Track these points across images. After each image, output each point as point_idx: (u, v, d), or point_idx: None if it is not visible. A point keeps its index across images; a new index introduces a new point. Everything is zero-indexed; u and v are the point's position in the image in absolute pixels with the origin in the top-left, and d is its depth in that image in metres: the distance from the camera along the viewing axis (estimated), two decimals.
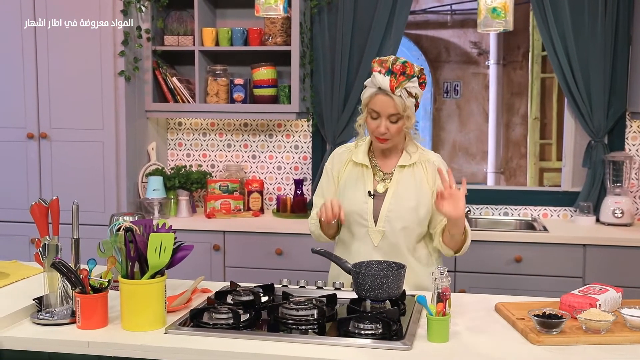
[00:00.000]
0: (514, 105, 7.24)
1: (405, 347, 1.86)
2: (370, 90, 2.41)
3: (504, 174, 7.26)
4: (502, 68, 7.14)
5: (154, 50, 4.14)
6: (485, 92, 7.26)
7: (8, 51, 4.00)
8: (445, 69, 7.21)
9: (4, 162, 4.09)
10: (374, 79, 2.38)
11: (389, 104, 2.36)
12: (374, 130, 2.43)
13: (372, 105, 2.40)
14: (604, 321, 1.91)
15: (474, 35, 7.10)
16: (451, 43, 7.18)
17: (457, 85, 7.22)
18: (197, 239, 3.90)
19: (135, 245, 1.97)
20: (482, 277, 3.69)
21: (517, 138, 7.22)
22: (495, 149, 7.12)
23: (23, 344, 1.99)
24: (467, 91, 7.23)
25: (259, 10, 2.25)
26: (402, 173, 2.50)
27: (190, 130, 4.49)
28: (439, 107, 7.32)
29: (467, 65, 7.21)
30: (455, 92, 7.21)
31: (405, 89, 2.36)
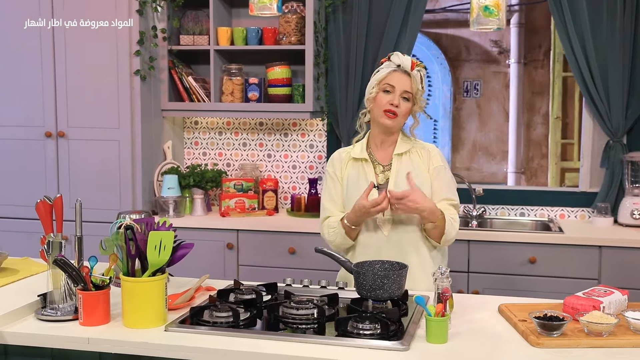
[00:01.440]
0: (535, 104, 7.16)
1: (402, 347, 1.85)
2: (387, 69, 2.51)
3: (524, 174, 7.19)
4: (523, 67, 7.07)
5: (170, 49, 4.17)
6: (505, 91, 7.19)
7: (27, 51, 4.06)
8: (465, 67, 7.16)
9: (23, 161, 4.15)
10: (395, 58, 2.51)
11: (405, 81, 2.48)
12: (385, 104, 2.49)
13: (388, 80, 2.49)
14: (606, 324, 1.88)
15: (495, 34, 7.04)
16: (471, 42, 7.12)
17: (477, 85, 7.16)
18: (211, 237, 3.93)
19: (136, 243, 1.99)
20: (495, 278, 3.65)
21: (538, 138, 7.15)
22: (516, 148, 7.06)
23: (26, 340, 2.02)
24: (487, 90, 7.17)
25: (253, 9, 2.26)
26: (400, 161, 2.55)
27: (206, 129, 4.51)
28: (458, 107, 7.27)
29: (487, 64, 7.15)
30: (475, 91, 7.15)
31: (419, 72, 2.50)
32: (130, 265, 2.02)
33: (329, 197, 2.62)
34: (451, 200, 2.54)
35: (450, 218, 2.47)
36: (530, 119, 7.18)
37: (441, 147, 7.31)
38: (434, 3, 6.90)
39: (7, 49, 4.09)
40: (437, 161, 2.56)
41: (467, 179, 4.27)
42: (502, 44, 7.13)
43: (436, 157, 2.57)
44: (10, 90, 4.12)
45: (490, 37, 7.06)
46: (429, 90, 7.36)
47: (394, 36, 4.07)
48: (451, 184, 2.57)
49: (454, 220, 2.49)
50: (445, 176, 2.56)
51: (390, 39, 4.07)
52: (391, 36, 4.07)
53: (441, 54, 7.11)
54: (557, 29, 3.99)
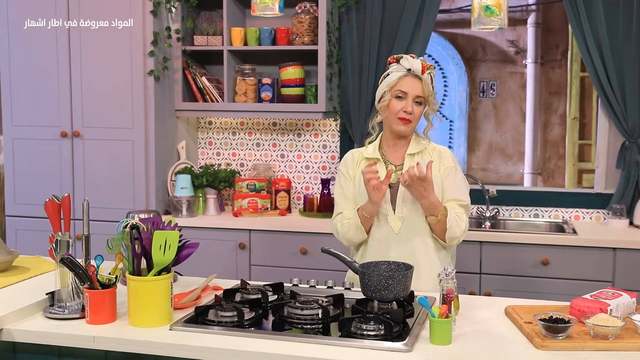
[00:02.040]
0: (552, 104, 7.10)
1: (405, 348, 1.85)
2: (398, 73, 2.51)
3: (541, 175, 7.13)
4: (540, 67, 7.01)
5: (184, 50, 4.19)
6: (522, 92, 7.14)
7: (43, 51, 4.10)
8: (481, 67, 7.12)
9: (39, 160, 4.19)
10: (404, 62, 2.51)
11: (417, 85, 2.48)
12: (398, 110, 2.49)
13: (400, 87, 2.49)
14: (612, 327, 1.86)
15: (512, 34, 6.99)
16: (488, 41, 7.08)
17: (494, 85, 7.11)
18: (223, 237, 3.95)
19: (141, 242, 2.00)
20: (508, 279, 3.63)
21: (556, 138, 7.08)
22: (532, 149, 7.00)
23: (33, 337, 2.04)
24: (503, 90, 7.12)
25: (255, 10, 2.26)
26: (412, 161, 2.55)
27: (220, 130, 4.53)
28: (474, 107, 7.22)
29: (503, 64, 7.10)
30: (491, 92, 7.11)
31: (430, 75, 2.51)
32: (135, 264, 2.03)
33: (342, 194, 2.62)
34: (460, 201, 2.52)
35: (454, 215, 2.46)
36: (547, 120, 7.12)
37: (457, 147, 7.26)
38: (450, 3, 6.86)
39: (25, 49, 4.14)
40: (448, 162, 2.55)
41: (482, 179, 4.26)
42: (518, 43, 7.08)
43: (447, 158, 2.57)
44: (27, 91, 4.17)
45: (506, 37, 7.01)
46: (444, 91, 7.33)
47: (408, 36, 4.06)
48: (461, 185, 2.56)
49: (459, 219, 2.47)
50: (456, 177, 2.55)
51: (403, 39, 4.06)
52: (405, 36, 4.06)
53: (457, 54, 7.07)
54: (572, 29, 3.94)
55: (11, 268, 2.60)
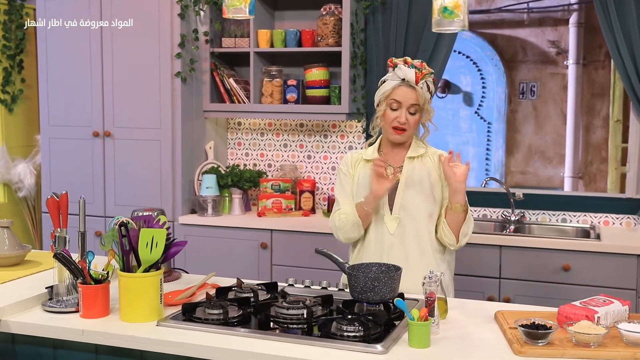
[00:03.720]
0: (595, 106, 6.90)
1: (379, 350, 1.85)
2: (393, 82, 2.50)
3: (582, 179, 6.95)
4: (582, 68, 6.83)
5: (212, 52, 4.26)
6: (563, 93, 6.97)
7: (77, 53, 4.24)
8: (521, 69, 6.98)
9: (73, 159, 4.33)
10: (399, 71, 2.48)
11: (411, 95, 2.46)
12: (393, 120, 2.49)
13: (394, 96, 2.49)
14: (593, 334, 1.82)
15: (553, 34, 6.83)
16: (528, 42, 6.93)
17: (534, 86, 6.97)
18: (246, 236, 4.00)
19: (129, 239, 2.05)
20: (528, 285, 3.56)
21: (598, 141, 6.89)
22: (573, 152, 6.82)
23: (27, 329, 2.12)
24: (544, 92, 6.97)
25: (226, 12, 2.29)
26: (412, 164, 2.55)
27: (248, 130, 4.59)
28: (514, 109, 7.09)
29: (544, 65, 6.95)
30: (531, 93, 6.96)
31: (426, 82, 2.48)
32: (125, 261, 2.09)
33: (342, 192, 2.64)
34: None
35: (470, 215, 2.46)
36: (589, 122, 6.93)
37: (495, 150, 7.15)
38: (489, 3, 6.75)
39: (61, 50, 4.29)
40: None
41: (521, 183, 4.20)
42: (560, 44, 6.92)
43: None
44: (62, 92, 4.31)
45: (547, 37, 6.86)
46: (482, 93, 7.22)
47: (433, 37, 4.03)
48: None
49: (468, 219, 2.48)
50: None
51: (429, 40, 4.03)
52: (430, 37, 4.02)
53: (496, 54, 6.96)
54: (602, 30, 3.83)
55: (23, 262, 2.70)
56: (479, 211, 4.16)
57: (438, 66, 4.07)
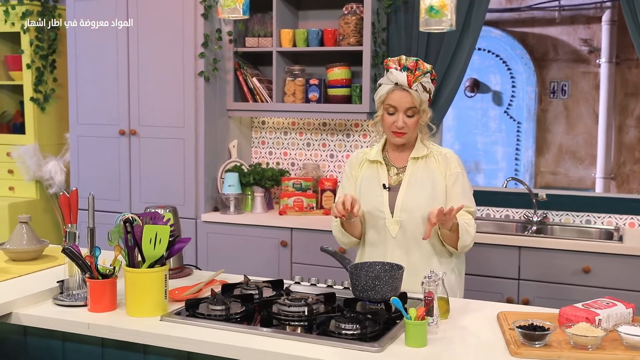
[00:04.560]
0: (628, 106, 6.75)
1: (375, 349, 1.85)
2: (387, 86, 2.48)
3: (615, 180, 6.81)
4: (615, 66, 6.69)
5: (235, 51, 4.30)
6: (595, 93, 6.83)
7: (105, 52, 4.32)
8: (552, 68, 6.87)
9: (100, 157, 4.42)
10: (391, 75, 2.45)
11: (406, 99, 2.44)
12: (391, 125, 2.48)
13: (389, 101, 2.47)
14: (591, 337, 1.79)
15: (585, 32, 6.69)
16: (559, 40, 6.81)
17: (565, 85, 6.85)
18: (266, 234, 4.03)
19: (133, 235, 2.10)
20: (547, 286, 3.52)
21: (631, 142, 6.73)
22: (605, 153, 6.68)
23: (37, 322, 2.18)
24: (575, 91, 6.84)
25: (220, 13, 2.31)
26: (416, 165, 2.54)
27: (272, 129, 4.62)
28: (544, 108, 6.98)
29: (576, 64, 6.82)
30: (562, 92, 6.85)
31: (420, 83, 2.43)
32: (130, 256, 2.13)
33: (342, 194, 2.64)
34: (468, 207, 2.50)
35: (464, 224, 2.43)
36: (622, 122, 6.78)
37: (524, 150, 7.06)
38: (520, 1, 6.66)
39: (89, 50, 4.38)
40: (454, 167, 2.53)
41: (552, 183, 4.15)
42: (592, 42, 6.79)
43: (454, 163, 2.54)
44: (91, 90, 4.41)
45: (579, 35, 6.74)
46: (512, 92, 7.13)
47: (456, 36, 4.01)
48: (467, 190, 2.54)
49: (468, 226, 2.45)
50: (463, 183, 2.53)
51: (451, 39, 4.01)
52: (453, 36, 4.00)
53: (526, 53, 6.87)
54: (629, 31, 3.76)
55: (41, 257, 2.77)
56: (501, 212, 4.13)
57: (460, 65, 4.05)
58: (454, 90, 4.10)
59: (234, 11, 2.20)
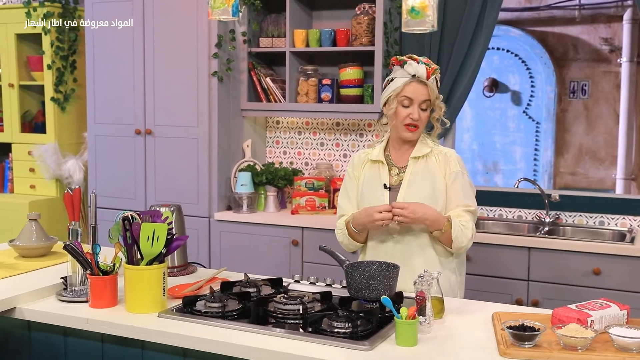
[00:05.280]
0: None
1: (364, 347, 1.86)
2: (403, 79, 2.49)
3: (635, 181, 6.70)
4: (636, 66, 6.57)
5: (249, 51, 4.33)
6: (616, 92, 6.73)
7: (121, 53, 4.39)
8: (572, 67, 6.79)
9: (116, 156, 4.49)
10: (409, 67, 2.47)
11: (422, 91, 2.46)
12: (405, 118, 2.49)
13: (405, 93, 2.48)
14: (580, 338, 1.79)
15: (606, 31, 6.60)
16: (579, 40, 6.73)
17: (585, 85, 6.77)
18: (278, 233, 4.06)
19: (131, 233, 2.13)
20: (557, 288, 3.49)
21: None
22: (626, 153, 6.58)
23: (40, 317, 2.23)
24: (595, 91, 6.75)
25: (211, 14, 2.33)
26: (416, 164, 2.55)
27: (286, 129, 4.65)
28: (564, 108, 6.90)
29: (596, 63, 6.72)
30: (582, 92, 6.77)
31: (435, 78, 2.48)
32: (129, 253, 2.17)
33: (345, 196, 2.67)
34: (467, 206, 2.50)
35: (459, 225, 2.43)
36: None
37: (543, 150, 6.99)
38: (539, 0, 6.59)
39: (105, 50, 4.46)
40: (454, 166, 2.53)
41: (571, 184, 4.12)
42: (613, 41, 6.69)
43: (454, 162, 2.54)
44: (108, 91, 4.48)
45: (600, 34, 6.65)
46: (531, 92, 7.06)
47: (469, 36, 4.00)
48: (468, 189, 2.53)
49: (464, 227, 2.44)
50: (463, 182, 2.52)
51: (464, 38, 4.00)
52: (466, 35, 4.00)
53: (545, 53, 6.80)
54: None
55: (50, 253, 2.83)
56: (513, 212, 4.10)
57: (473, 65, 4.04)
58: (467, 90, 4.09)
59: (224, 13, 2.22)
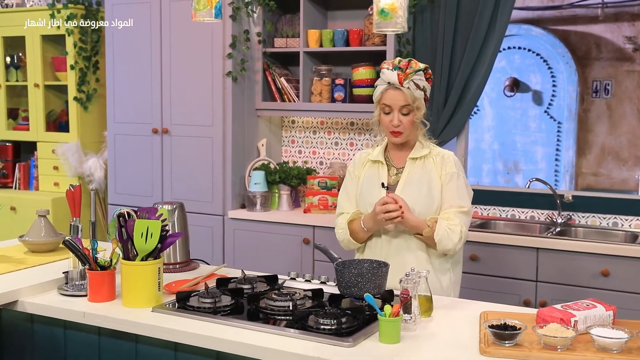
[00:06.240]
0: None
1: (347, 344, 1.89)
2: (381, 87, 2.53)
3: None
4: None
5: (264, 52, 4.38)
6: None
7: (139, 53, 4.48)
8: (594, 66, 6.69)
9: (134, 154, 4.58)
10: (383, 75, 2.51)
11: (399, 97, 2.48)
12: (388, 125, 2.52)
13: (384, 100, 2.52)
14: (560, 337, 1.79)
15: (630, 29, 6.49)
16: (602, 38, 6.63)
17: (608, 84, 6.67)
18: (290, 231, 4.10)
19: (126, 230, 2.19)
20: (565, 289, 3.47)
21: None
22: None
23: (40, 310, 2.30)
24: (619, 90, 6.64)
25: (194, 15, 2.37)
26: (414, 165, 2.57)
27: (301, 128, 4.69)
28: (586, 108, 6.80)
29: (620, 62, 6.61)
30: (605, 92, 6.67)
31: (412, 81, 2.46)
32: (125, 249, 2.23)
33: (345, 195, 2.70)
34: (461, 207, 2.50)
35: (445, 228, 2.44)
36: None
37: (565, 150, 6.91)
38: None
39: (124, 51, 4.55)
40: (450, 167, 2.54)
41: (593, 185, 4.08)
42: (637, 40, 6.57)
43: (450, 163, 2.55)
44: (126, 90, 4.57)
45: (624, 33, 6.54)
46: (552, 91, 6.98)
47: (482, 35, 3.99)
48: (463, 191, 2.54)
49: (451, 231, 2.44)
50: (458, 183, 2.53)
51: (478, 37, 3.99)
52: (479, 35, 3.99)
53: (567, 52, 6.71)
54: None
55: (58, 249, 2.91)
56: (526, 213, 4.08)
57: (485, 65, 4.02)
58: (479, 89, 4.08)
59: (207, 14, 2.27)
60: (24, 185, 5.36)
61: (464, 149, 4.30)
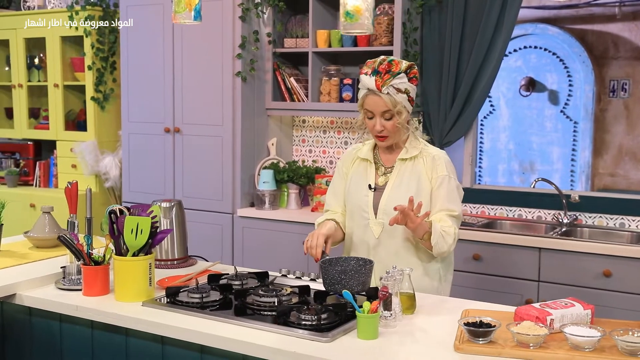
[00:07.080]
0: None
1: (325, 339, 1.92)
2: (362, 92, 2.51)
3: None
4: None
5: (274, 52, 4.43)
6: None
7: (152, 54, 4.56)
8: (612, 65, 6.59)
9: (147, 153, 4.67)
10: (362, 81, 2.48)
11: (379, 103, 2.44)
12: (372, 129, 2.50)
13: (365, 106, 2.50)
14: (532, 335, 1.80)
15: None
16: (620, 37, 6.53)
17: (626, 84, 6.57)
18: (296, 230, 4.14)
19: (117, 226, 2.25)
20: (567, 289, 3.45)
21: None
22: None
23: (37, 303, 2.37)
24: (637, 90, 6.53)
25: (174, 18, 2.42)
26: (403, 166, 2.54)
27: (312, 128, 4.73)
28: (603, 108, 6.71)
29: (637, 62, 6.50)
30: (623, 91, 6.58)
31: (392, 86, 2.41)
32: (116, 245, 2.29)
33: (332, 192, 2.71)
34: (451, 211, 2.48)
35: (440, 231, 2.43)
36: None
37: (581, 150, 6.83)
38: None
39: (138, 51, 4.64)
40: (441, 170, 2.51)
41: (610, 186, 4.05)
42: None
43: (441, 165, 2.51)
44: (140, 90, 4.66)
45: None
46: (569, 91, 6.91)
47: (489, 35, 3.99)
48: (453, 194, 2.51)
49: (445, 233, 2.43)
50: (449, 186, 2.50)
51: (485, 37, 3.99)
52: (487, 35, 3.99)
53: (584, 51, 6.64)
54: None
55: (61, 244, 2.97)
56: (533, 213, 4.07)
57: (492, 64, 4.02)
58: (487, 88, 4.08)
59: (186, 17, 2.32)
60: (44, 183, 5.49)
61: (471, 148, 4.30)
